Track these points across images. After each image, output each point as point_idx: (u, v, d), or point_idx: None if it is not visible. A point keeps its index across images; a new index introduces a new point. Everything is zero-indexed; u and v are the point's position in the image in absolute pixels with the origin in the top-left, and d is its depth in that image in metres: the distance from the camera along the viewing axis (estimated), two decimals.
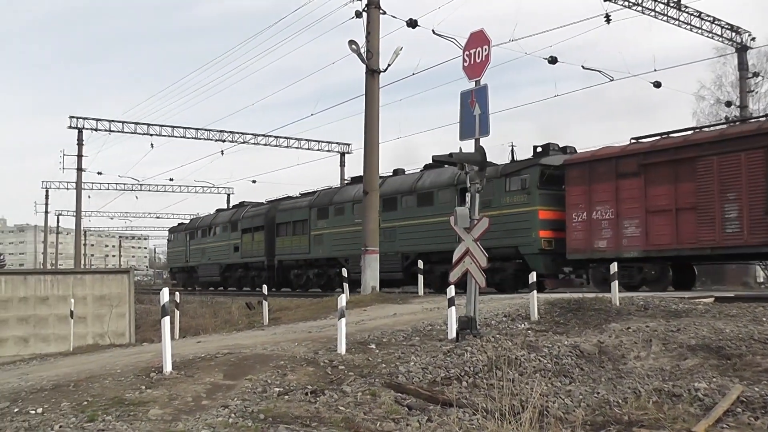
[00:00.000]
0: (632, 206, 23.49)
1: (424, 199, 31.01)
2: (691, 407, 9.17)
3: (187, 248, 55.60)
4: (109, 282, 27.07)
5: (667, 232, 22.72)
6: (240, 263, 46.22)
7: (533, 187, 26.35)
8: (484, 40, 13.65)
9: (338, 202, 36.79)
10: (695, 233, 22.07)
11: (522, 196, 26.67)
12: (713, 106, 54.00)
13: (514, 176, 27.09)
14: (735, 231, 21.16)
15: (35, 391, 10.46)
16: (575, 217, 25.24)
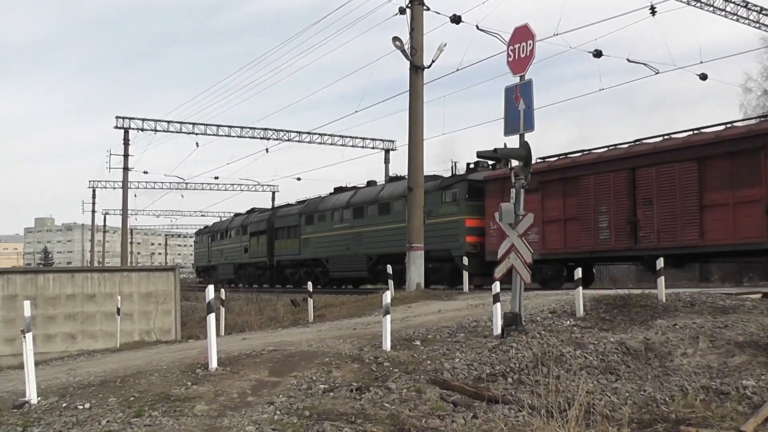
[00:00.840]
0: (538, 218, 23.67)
1: (383, 209, 35.75)
2: (740, 405, 9.08)
3: (209, 249, 61.62)
4: (155, 279, 27.26)
5: (558, 239, 26.83)
6: (249, 263, 51.36)
7: (461, 199, 30.72)
8: (528, 34, 13.57)
9: (321, 210, 41.92)
10: (577, 239, 26.30)
11: (453, 207, 31.05)
12: (760, 97, 53.37)
13: (447, 190, 31.54)
14: (606, 238, 25.50)
15: (83, 387, 10.58)
16: (492, 225, 28.20)
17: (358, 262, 36.97)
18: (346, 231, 38.41)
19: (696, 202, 22.28)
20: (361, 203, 37.83)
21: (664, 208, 23.38)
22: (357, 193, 39.47)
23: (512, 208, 12.79)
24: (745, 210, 21.14)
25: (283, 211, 48.18)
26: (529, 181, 13.08)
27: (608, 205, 25.37)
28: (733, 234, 21.02)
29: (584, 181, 26.21)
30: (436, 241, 30.44)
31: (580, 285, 14.71)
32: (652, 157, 24.13)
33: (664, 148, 23.93)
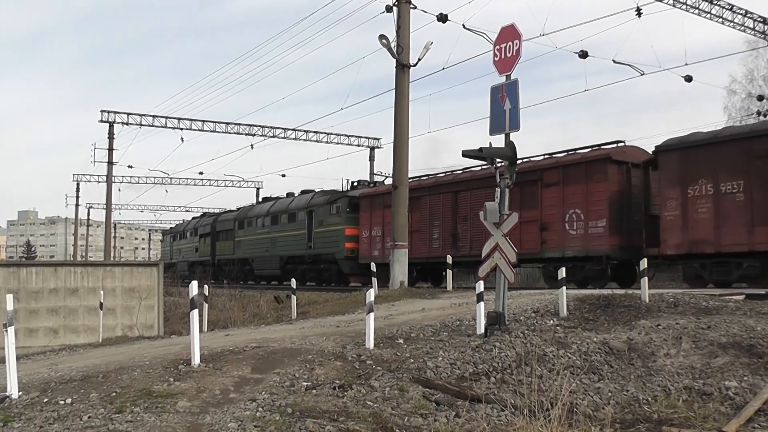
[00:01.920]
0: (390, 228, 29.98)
1: (291, 218, 42.77)
2: (722, 406, 9.10)
3: (171, 248, 68.20)
4: (139, 274, 27.20)
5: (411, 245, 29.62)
6: (199, 261, 57.04)
7: (343, 212, 38.01)
8: (514, 34, 13.58)
9: (249, 217, 48.79)
10: (419, 247, 32.22)
11: (337, 218, 38.41)
12: (745, 100, 53.65)
13: (333, 204, 38.92)
14: (437, 246, 32.06)
15: (65, 382, 10.54)
16: (363, 233, 36.59)
17: (274, 262, 43.91)
18: (265, 236, 45.51)
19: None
20: (276, 212, 45.04)
21: (475, 224, 28.23)
22: (275, 203, 46.89)
23: (497, 208, 12.79)
24: (528, 227, 26.94)
25: (223, 217, 55.45)
26: (514, 181, 13.07)
27: (439, 221, 32.13)
28: (519, 245, 22.96)
29: (424, 201, 32.96)
30: (325, 246, 38.82)
31: (563, 285, 14.73)
32: (468, 183, 30.77)
33: (476, 177, 30.18)
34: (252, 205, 53.34)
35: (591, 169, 25.71)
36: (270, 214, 45.44)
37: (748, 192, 21.69)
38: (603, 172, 25.22)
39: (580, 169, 26.22)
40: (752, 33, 40.07)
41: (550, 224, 26.87)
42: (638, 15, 33.78)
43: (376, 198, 36.40)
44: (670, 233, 23.66)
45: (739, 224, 21.84)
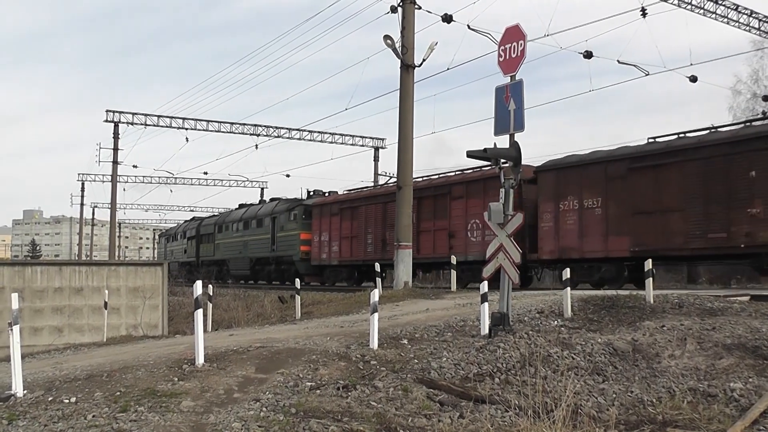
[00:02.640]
0: (335, 234, 38.43)
1: (259, 223, 46.85)
2: (727, 408, 9.08)
3: (165, 250, 71.50)
4: (143, 274, 27.23)
5: (348, 250, 37.47)
6: (186, 261, 60.87)
7: (299, 219, 42.21)
8: (519, 35, 13.57)
9: (227, 222, 53.09)
10: (357, 251, 36.80)
11: (294, 224, 42.64)
12: (750, 100, 53.53)
13: (292, 211, 43.17)
14: (371, 251, 35.48)
15: (69, 381, 10.55)
16: (315, 238, 40.28)
17: (245, 263, 48.12)
18: (239, 239, 49.90)
19: (415, 228, 29.47)
20: (247, 218, 49.18)
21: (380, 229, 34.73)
22: (248, 210, 51.16)
23: (501, 208, 12.78)
24: (440, 234, 31.22)
25: (206, 221, 60.02)
26: (518, 181, 13.07)
27: (372, 228, 35.80)
28: (433, 250, 31.21)
29: (361, 210, 37.00)
30: (285, 249, 43.24)
31: (568, 286, 14.72)
32: (393, 195, 30.34)
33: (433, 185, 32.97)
34: (230, 211, 57.80)
35: (488, 185, 28.34)
36: (242, 220, 49.88)
37: (604, 207, 25.09)
38: (488, 188, 28.14)
39: (480, 185, 29.48)
40: (757, 33, 39.98)
41: (456, 232, 30.52)
42: (643, 15, 33.70)
43: (325, 206, 40.46)
44: (546, 241, 26.94)
45: (598, 234, 25.25)
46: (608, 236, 24.79)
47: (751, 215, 20.92)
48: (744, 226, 21.09)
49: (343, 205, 38.47)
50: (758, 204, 20.79)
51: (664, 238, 23.18)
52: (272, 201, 49.00)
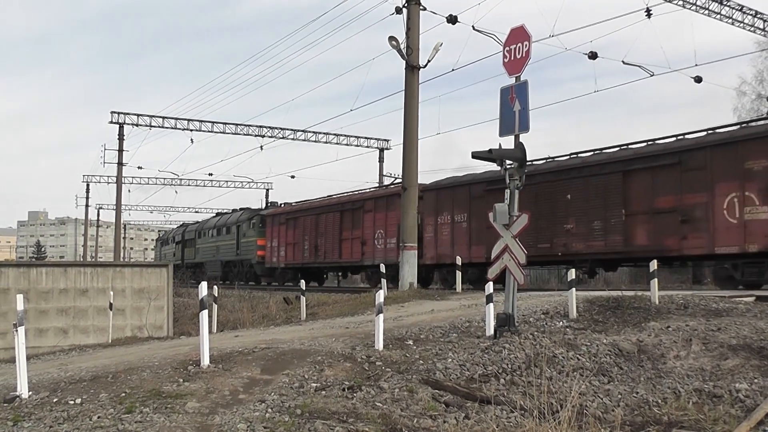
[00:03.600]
0: (282, 240, 44.43)
1: (228, 230, 53.55)
2: (732, 408, 9.07)
3: (160, 253, 76.56)
4: (148, 275, 27.25)
5: (292, 255, 43.43)
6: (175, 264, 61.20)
7: (257, 227, 48.11)
8: (524, 35, 13.56)
9: (204, 228, 59.74)
10: (297, 255, 42.86)
11: (253, 231, 48.80)
12: (755, 101, 53.49)
13: (251, 220, 49.52)
14: (307, 255, 41.74)
15: (74, 382, 10.56)
16: (268, 244, 46.38)
17: (218, 265, 53.61)
18: (213, 244, 56.32)
19: (338, 237, 38.58)
20: (220, 226, 55.72)
21: (328, 239, 39.73)
22: (221, 218, 57.88)
23: (506, 209, 12.77)
24: (354, 242, 37.18)
25: (190, 228, 65.61)
26: (523, 182, 13.05)
27: (308, 236, 41.72)
28: (351, 255, 37.60)
29: (301, 221, 42.91)
30: (246, 253, 49.59)
31: (573, 287, 14.71)
32: (325, 209, 41.03)
33: (329, 203, 41.27)
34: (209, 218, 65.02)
35: (389, 202, 34.41)
36: (216, 227, 56.56)
37: (469, 222, 30.13)
38: (395, 203, 32.95)
39: (383, 201, 35.39)
40: (762, 34, 39.95)
41: (367, 240, 35.96)
42: (648, 16, 33.71)
43: (275, 217, 46.53)
44: (428, 249, 31.89)
45: (464, 244, 30.29)
46: (471, 245, 29.95)
47: (566, 230, 26.30)
48: (562, 239, 26.32)
49: (288, 216, 44.76)
50: (572, 221, 26.14)
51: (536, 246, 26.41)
52: (240, 210, 55.40)
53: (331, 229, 39.54)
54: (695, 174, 22.71)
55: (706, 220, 22.19)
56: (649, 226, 24.10)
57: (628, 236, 24.56)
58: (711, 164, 22.24)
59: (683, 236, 22.92)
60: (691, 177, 22.82)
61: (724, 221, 21.78)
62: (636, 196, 24.52)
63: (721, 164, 21.90)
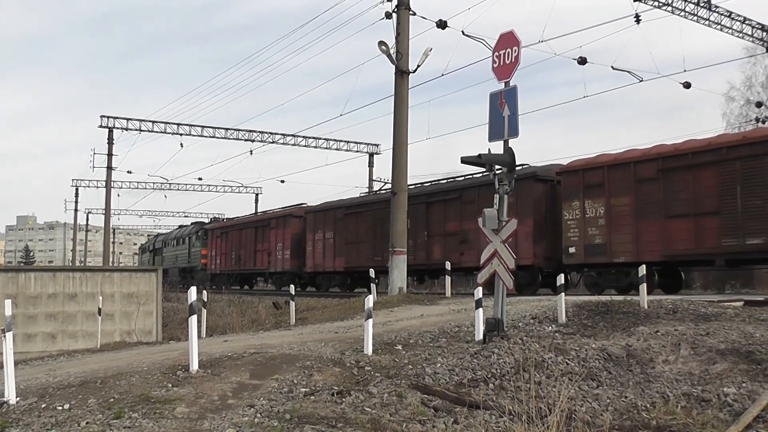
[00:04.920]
0: (218, 250, 52.93)
1: (183, 241, 62.75)
2: (721, 413, 9.09)
3: (140, 259, 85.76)
4: (137, 280, 27.21)
5: (226, 263, 51.19)
6: None
7: (202, 239, 57.46)
8: (513, 41, 13.59)
9: (169, 239, 69.21)
10: (227, 263, 51.04)
11: (199, 242, 58.27)
12: (743, 107, 53.68)
13: (198, 232, 59.24)
14: (233, 263, 49.69)
15: (63, 387, 10.53)
16: (209, 253, 55.07)
17: (176, 272, 61.78)
18: (173, 253, 65.43)
19: (253, 249, 47.14)
20: (179, 237, 64.95)
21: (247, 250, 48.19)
22: (181, 230, 66.98)
23: (495, 214, 12.79)
24: (262, 253, 45.63)
25: (160, 237, 76.26)
26: (512, 187, 13.06)
27: (235, 247, 50.22)
28: (261, 263, 45.79)
29: (230, 234, 51.40)
30: (194, 261, 58.78)
31: (562, 291, 14.73)
32: (246, 225, 50.08)
33: (248, 221, 50.80)
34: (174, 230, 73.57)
35: (286, 221, 43.70)
36: (175, 238, 66.20)
37: (334, 238, 38.33)
38: (289, 222, 43.31)
39: (282, 221, 44.39)
40: (751, 40, 40.12)
41: (272, 252, 44.59)
42: (637, 22, 33.83)
43: (213, 230, 55.46)
44: (309, 260, 40.47)
45: (331, 256, 38.60)
46: (335, 257, 38.26)
47: None
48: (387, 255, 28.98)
49: (223, 230, 53.38)
50: None
51: (357, 259, 36.36)
52: (194, 224, 64.87)
53: (248, 242, 48.26)
54: (469, 206, 29.37)
55: (477, 241, 27.00)
56: (442, 245, 31.18)
57: (429, 252, 31.94)
58: (478, 199, 28.74)
59: (461, 253, 29.84)
60: (467, 208, 29.52)
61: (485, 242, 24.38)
62: (434, 222, 31.87)
63: (486, 198, 25.29)
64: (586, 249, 25.39)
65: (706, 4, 37.15)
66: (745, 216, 21.03)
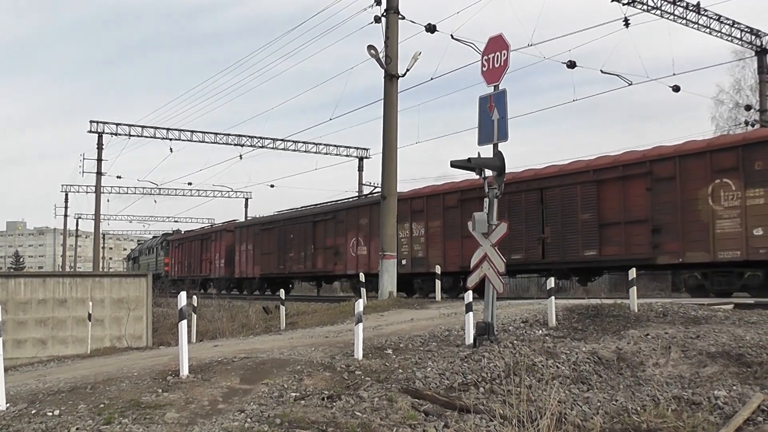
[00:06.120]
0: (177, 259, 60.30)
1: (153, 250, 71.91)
2: (711, 416, 9.10)
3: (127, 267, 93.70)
4: (127, 285, 27.16)
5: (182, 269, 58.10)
6: None
7: (165, 248, 65.33)
8: (502, 44, 13.59)
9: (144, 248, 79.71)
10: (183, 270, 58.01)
11: (163, 252, 66.20)
12: (732, 110, 53.88)
13: (162, 243, 67.45)
14: (187, 269, 56.95)
15: (53, 393, 10.50)
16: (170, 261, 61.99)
17: None
18: (146, 261, 74.19)
19: (200, 257, 54.98)
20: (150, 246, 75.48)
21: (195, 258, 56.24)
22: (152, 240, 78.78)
23: (485, 218, 12.78)
24: (207, 262, 53.10)
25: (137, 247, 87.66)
26: (502, 191, 13.07)
27: (186, 256, 58.29)
28: (206, 270, 53.79)
29: (185, 245, 59.42)
30: (160, 268, 64.36)
31: (552, 295, 14.73)
32: (195, 237, 58.05)
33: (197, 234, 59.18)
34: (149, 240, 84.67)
35: (221, 234, 51.93)
36: (148, 248, 76.52)
37: (254, 250, 46.04)
38: (224, 235, 51.24)
39: (219, 234, 52.33)
40: (739, 43, 40.27)
41: (213, 261, 52.49)
42: (626, 25, 33.98)
43: (173, 241, 63.03)
44: (237, 267, 47.99)
45: (251, 264, 46.20)
46: (254, 265, 45.87)
47: (290, 257, 41.98)
48: (289, 263, 41.78)
49: (180, 241, 61.17)
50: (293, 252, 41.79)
51: (269, 267, 44.19)
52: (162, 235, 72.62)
53: (197, 252, 55.97)
54: (339, 225, 37.43)
55: (345, 253, 36.74)
56: (323, 256, 38.86)
57: (314, 263, 39.72)
58: (346, 219, 36.82)
59: (335, 263, 37.66)
60: (339, 227, 37.53)
61: (350, 255, 36.44)
62: (318, 238, 39.43)
63: (349, 220, 36.58)
64: (413, 261, 32.12)
65: (694, 8, 37.29)
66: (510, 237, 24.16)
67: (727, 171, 21.84)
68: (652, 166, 23.67)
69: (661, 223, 23.24)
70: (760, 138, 21.73)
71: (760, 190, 21.05)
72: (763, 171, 21.02)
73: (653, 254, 23.40)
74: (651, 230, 23.39)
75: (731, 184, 21.69)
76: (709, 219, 22.10)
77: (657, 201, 23.36)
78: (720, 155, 22.11)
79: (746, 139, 22.14)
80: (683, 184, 22.84)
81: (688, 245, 22.66)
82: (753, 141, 21.68)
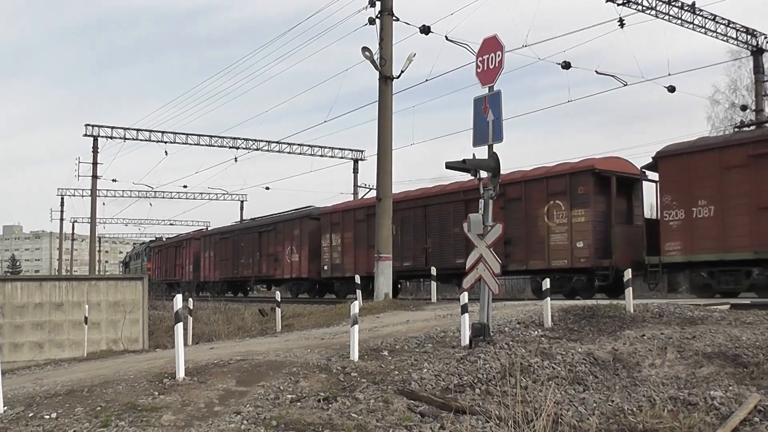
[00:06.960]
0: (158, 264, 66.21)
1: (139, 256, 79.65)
2: (707, 416, 9.10)
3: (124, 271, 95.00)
4: (123, 288, 27.15)
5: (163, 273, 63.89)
6: None
7: (148, 254, 72.29)
8: (497, 46, 13.61)
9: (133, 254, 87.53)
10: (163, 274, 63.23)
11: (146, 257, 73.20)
12: (728, 110, 53.95)
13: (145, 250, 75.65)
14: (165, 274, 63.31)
15: (50, 396, 10.49)
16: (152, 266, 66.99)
17: None
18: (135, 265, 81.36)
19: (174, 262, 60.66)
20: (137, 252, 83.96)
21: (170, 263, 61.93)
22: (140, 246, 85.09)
23: (480, 219, 12.79)
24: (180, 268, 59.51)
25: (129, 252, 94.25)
26: (497, 192, 13.08)
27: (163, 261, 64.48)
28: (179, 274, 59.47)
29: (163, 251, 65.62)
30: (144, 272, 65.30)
31: (547, 296, 14.75)
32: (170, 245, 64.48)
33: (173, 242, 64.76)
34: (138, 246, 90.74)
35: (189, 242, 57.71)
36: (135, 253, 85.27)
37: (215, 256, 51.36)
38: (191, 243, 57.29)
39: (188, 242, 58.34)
40: (735, 43, 40.24)
41: (183, 266, 58.20)
42: (621, 26, 33.95)
43: (155, 248, 70.29)
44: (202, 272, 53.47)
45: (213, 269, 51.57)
46: (215, 270, 51.13)
47: (242, 263, 47.49)
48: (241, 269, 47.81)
49: (160, 248, 67.41)
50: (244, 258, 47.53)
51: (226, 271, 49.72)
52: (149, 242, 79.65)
53: (171, 258, 62.19)
54: (279, 235, 43.07)
55: (282, 260, 42.37)
56: (266, 262, 44.16)
57: (260, 268, 45.16)
58: (283, 230, 42.49)
59: (275, 268, 43.02)
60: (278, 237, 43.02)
61: (286, 261, 41.81)
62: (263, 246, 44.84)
63: (285, 231, 42.28)
64: (333, 267, 37.33)
65: (690, 8, 37.27)
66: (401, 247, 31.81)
67: (558, 194, 26.65)
68: (505, 188, 26.66)
69: (512, 237, 27.19)
70: (584, 168, 26.22)
71: (582, 210, 25.85)
72: (585, 195, 25.81)
73: (506, 262, 25.85)
74: (504, 242, 26.46)
75: (561, 205, 26.46)
76: (545, 233, 26.85)
77: (509, 218, 26.82)
78: (554, 181, 26.95)
79: (573, 168, 26.69)
80: (527, 204, 27.60)
81: (531, 255, 27.40)
82: (578, 170, 26.35)
